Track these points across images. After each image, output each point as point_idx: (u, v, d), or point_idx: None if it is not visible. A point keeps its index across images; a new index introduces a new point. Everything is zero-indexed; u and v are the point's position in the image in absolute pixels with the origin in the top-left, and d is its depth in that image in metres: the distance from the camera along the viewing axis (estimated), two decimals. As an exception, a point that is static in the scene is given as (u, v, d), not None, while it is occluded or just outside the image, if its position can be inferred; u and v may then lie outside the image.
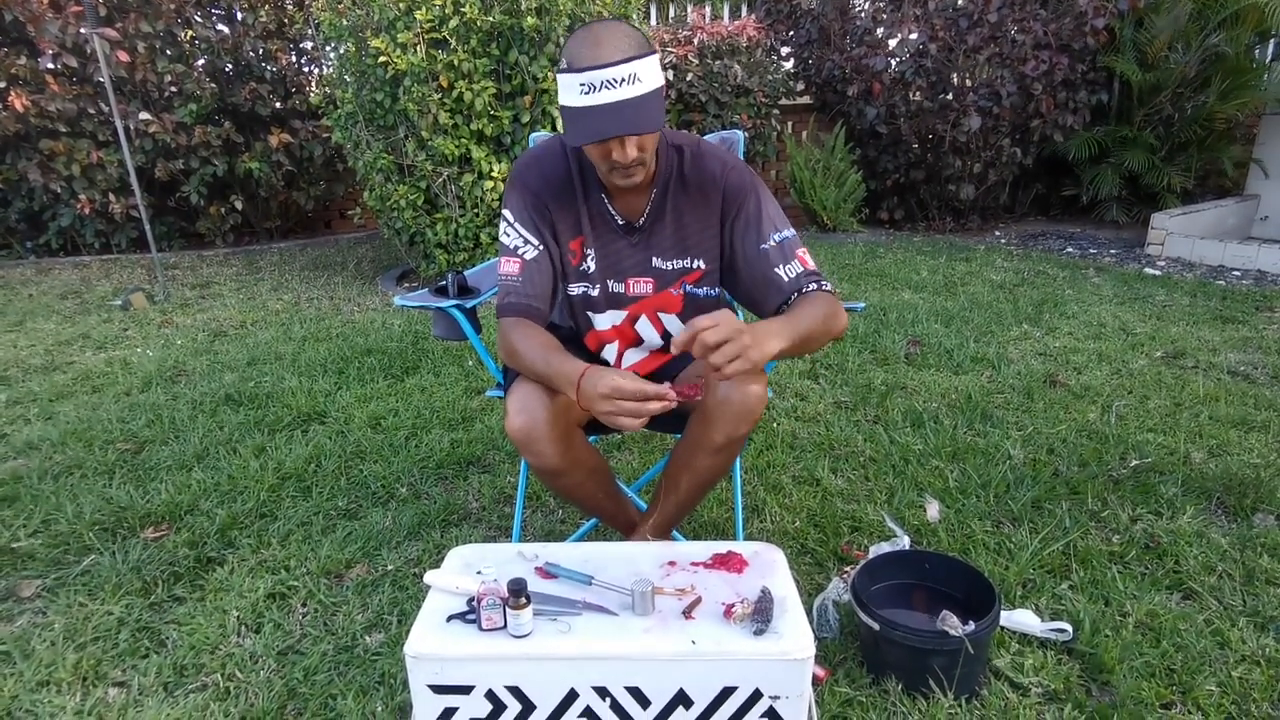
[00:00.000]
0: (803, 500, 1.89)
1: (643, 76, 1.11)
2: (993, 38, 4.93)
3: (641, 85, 1.11)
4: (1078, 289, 3.96)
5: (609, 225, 1.32)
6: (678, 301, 1.36)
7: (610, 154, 1.15)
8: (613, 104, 1.09)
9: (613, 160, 1.16)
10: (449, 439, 2.25)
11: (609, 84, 1.09)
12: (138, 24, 4.76)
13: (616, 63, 1.09)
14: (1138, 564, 1.62)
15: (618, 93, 1.09)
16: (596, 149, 1.17)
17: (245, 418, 2.41)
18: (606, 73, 1.09)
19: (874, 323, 3.34)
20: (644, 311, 1.37)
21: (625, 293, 1.36)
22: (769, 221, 1.29)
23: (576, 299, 1.36)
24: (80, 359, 3.12)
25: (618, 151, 1.14)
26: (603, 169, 1.21)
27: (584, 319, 1.39)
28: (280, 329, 3.48)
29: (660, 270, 1.34)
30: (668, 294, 1.35)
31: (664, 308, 1.37)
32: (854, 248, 5.06)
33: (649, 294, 1.35)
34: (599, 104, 1.09)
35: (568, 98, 1.13)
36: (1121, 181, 5.67)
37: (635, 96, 1.10)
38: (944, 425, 2.28)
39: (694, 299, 1.36)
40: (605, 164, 1.18)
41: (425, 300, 1.48)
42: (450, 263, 4.02)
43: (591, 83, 1.09)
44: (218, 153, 5.22)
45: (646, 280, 1.35)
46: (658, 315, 1.38)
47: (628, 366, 1.44)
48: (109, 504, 1.89)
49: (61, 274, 4.84)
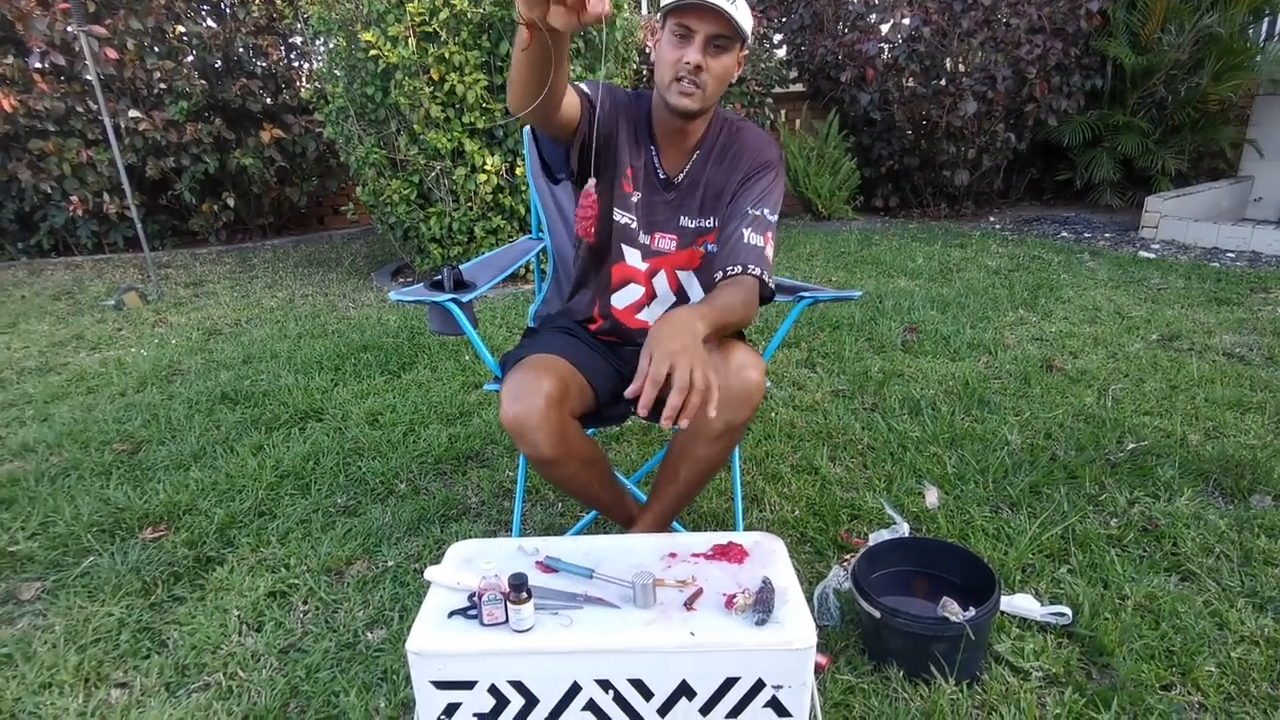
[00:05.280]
0: (802, 489, 1.89)
1: (740, 7, 1.21)
2: (987, 21, 4.91)
3: (738, 10, 1.20)
4: (1073, 273, 3.97)
5: (653, 176, 1.40)
6: (697, 259, 1.45)
7: (682, 57, 1.22)
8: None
9: (682, 64, 1.22)
10: (447, 434, 2.24)
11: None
12: (126, 21, 4.72)
13: None
14: (1136, 547, 1.63)
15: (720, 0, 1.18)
16: (670, 48, 1.24)
17: (242, 416, 2.41)
18: None
19: (870, 310, 3.34)
20: (663, 267, 1.45)
21: (650, 245, 1.43)
22: (767, 198, 1.36)
23: (618, 226, 1.42)
24: (75, 360, 3.11)
25: (690, 52, 1.21)
26: (667, 77, 1.26)
27: (618, 249, 1.44)
28: (275, 326, 3.46)
29: (685, 229, 1.42)
30: (688, 251, 1.43)
31: (682, 265, 1.45)
32: (849, 235, 5.05)
33: (671, 251, 1.44)
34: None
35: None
36: (1116, 165, 5.67)
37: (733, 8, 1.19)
38: (942, 412, 2.29)
39: (710, 257, 1.43)
40: (672, 70, 1.24)
41: (420, 295, 1.47)
42: (445, 257, 4.01)
43: None
44: (209, 150, 5.19)
45: (671, 237, 1.42)
46: (675, 271, 1.46)
47: (634, 316, 1.49)
48: (107, 505, 1.89)
49: (54, 274, 4.82)
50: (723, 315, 1.18)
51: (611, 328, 1.50)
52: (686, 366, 1.01)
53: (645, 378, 1.01)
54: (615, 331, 1.51)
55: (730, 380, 1.19)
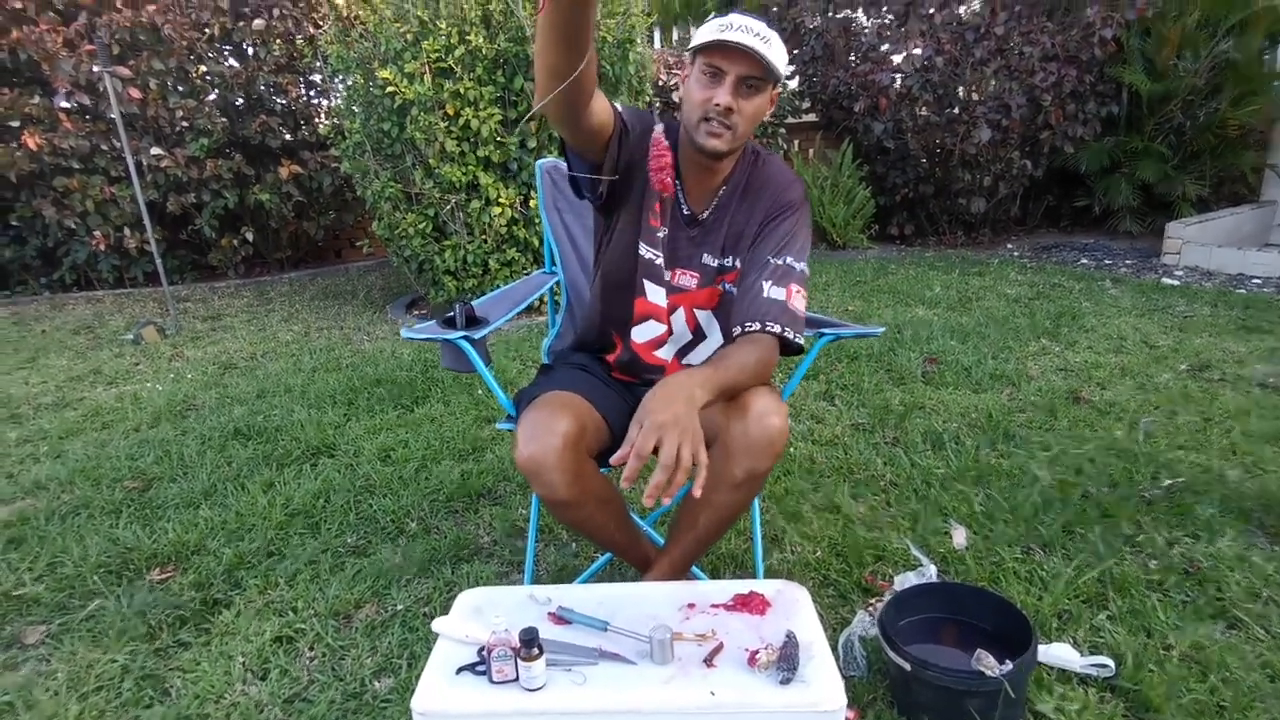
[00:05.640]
0: (823, 529, 1.83)
1: (775, 46, 1.19)
2: (1000, 50, 4.91)
3: (771, 49, 1.17)
4: (1095, 301, 3.90)
5: (678, 212, 1.36)
6: (716, 298, 1.41)
7: (712, 98, 1.19)
8: (745, 38, 1.15)
9: (711, 105, 1.19)
10: (459, 470, 2.21)
11: (746, 29, 1.16)
12: (150, 62, 4.83)
13: (759, 24, 1.18)
14: (1178, 591, 1.55)
15: (752, 39, 1.16)
16: (700, 87, 1.21)
17: (254, 452, 2.39)
18: (749, 21, 1.18)
19: (889, 341, 3.29)
20: (682, 304, 1.41)
21: (672, 281, 1.39)
22: (790, 244, 1.31)
23: (644, 261, 1.38)
24: (91, 395, 3.11)
25: (720, 93, 1.18)
26: (695, 116, 1.23)
27: (640, 284, 1.40)
28: (290, 360, 3.47)
29: (707, 267, 1.38)
30: (708, 290, 1.40)
31: (701, 304, 1.42)
32: (865, 264, 5.01)
33: (692, 289, 1.40)
34: (733, 37, 1.15)
35: (702, 37, 1.19)
36: (1135, 191, 5.61)
37: (766, 48, 1.16)
38: (966, 446, 2.22)
39: (729, 297, 1.39)
40: (701, 110, 1.21)
41: (432, 332, 1.45)
42: (459, 289, 4.01)
43: (731, 23, 1.17)
44: (229, 185, 5.26)
45: (693, 274, 1.39)
46: (693, 310, 1.42)
47: (651, 352, 1.45)
48: (115, 545, 1.86)
49: (75, 309, 4.87)
50: (730, 379, 1.14)
51: (630, 360, 1.46)
52: (674, 442, 0.98)
53: (631, 446, 0.98)
54: (632, 364, 1.47)
55: (751, 427, 1.14)
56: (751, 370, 1.19)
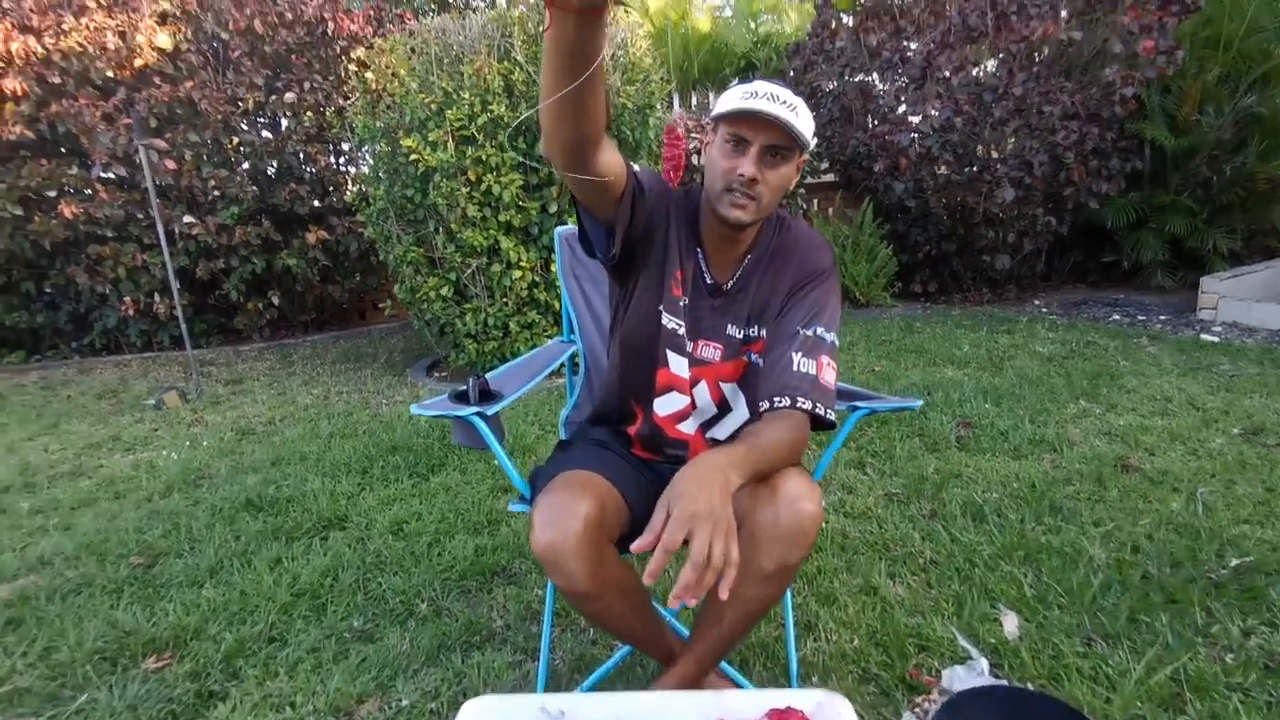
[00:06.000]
0: (860, 614, 1.70)
1: (802, 114, 1.15)
2: (1019, 110, 4.91)
3: (798, 117, 1.14)
4: (1133, 359, 3.76)
5: (700, 281, 1.31)
6: (741, 369, 1.33)
7: (735, 168, 1.15)
8: (771, 107, 1.12)
9: (735, 175, 1.15)
10: (473, 545, 2.11)
11: (772, 97, 1.13)
12: (186, 134, 5.00)
13: (785, 92, 1.14)
14: (1260, 690, 1.39)
15: (778, 107, 1.12)
16: (723, 156, 1.17)
17: (264, 525, 2.31)
18: (774, 89, 1.14)
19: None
20: (705, 377, 1.33)
21: (694, 352, 1.32)
22: (820, 313, 1.24)
23: (666, 331, 1.31)
24: (108, 462, 3.08)
25: (745, 163, 1.14)
26: (718, 186, 1.18)
27: (663, 354, 1.33)
28: (308, 425, 3.43)
29: (731, 338, 1.31)
30: (733, 362, 1.32)
31: (726, 376, 1.34)
32: (890, 323, 4.92)
33: (716, 360, 1.32)
34: (758, 105, 1.12)
35: (725, 105, 1.16)
36: (1164, 246, 5.51)
37: (793, 116, 1.13)
38: (1009, 520, 2.08)
39: (755, 369, 1.31)
40: (724, 180, 1.17)
41: (444, 408, 1.38)
42: (480, 352, 3.98)
43: (756, 90, 1.13)
44: (257, 251, 5.36)
45: (717, 346, 1.32)
46: (718, 382, 1.34)
47: (674, 426, 1.37)
48: (113, 628, 1.78)
49: (102, 373, 4.92)
50: (763, 460, 1.06)
51: (651, 433, 1.38)
52: (705, 537, 0.89)
53: (656, 535, 0.89)
54: (654, 439, 1.39)
55: (781, 514, 1.05)
56: (786, 451, 1.10)
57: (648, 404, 1.36)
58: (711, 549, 0.88)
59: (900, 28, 5.62)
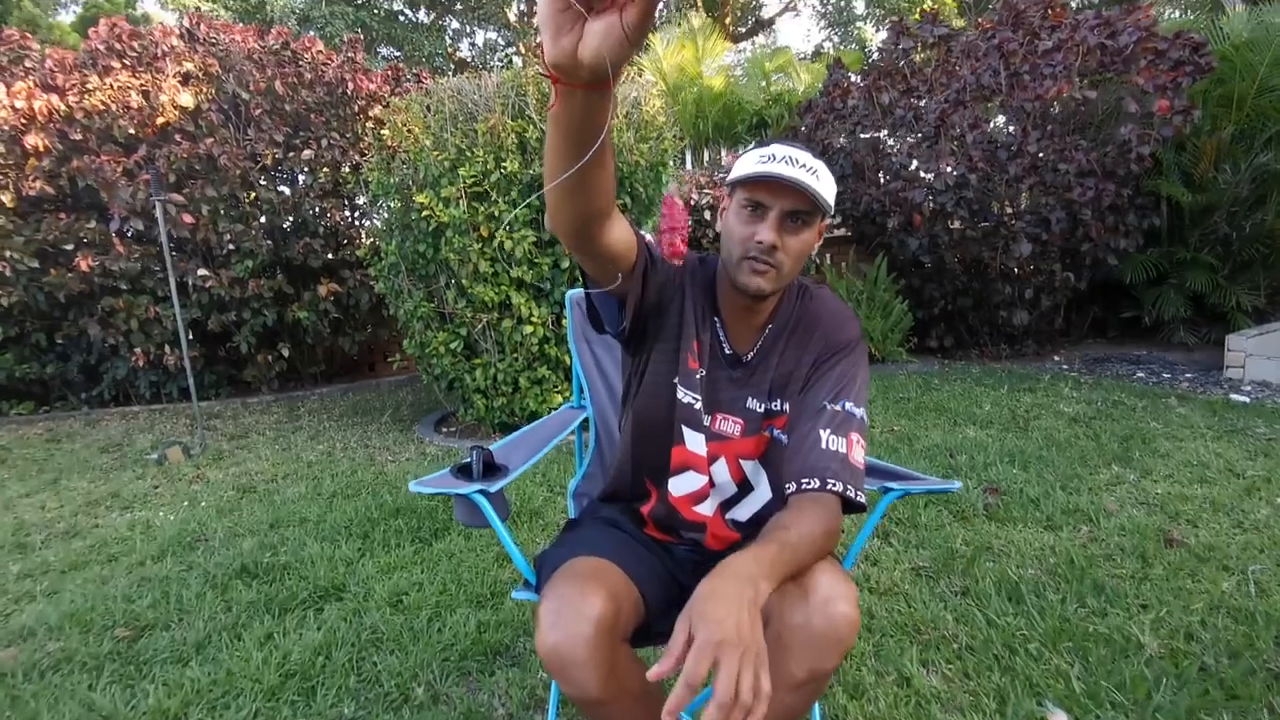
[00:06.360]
0: (891, 709, 1.56)
1: (823, 178, 1.09)
2: (1034, 167, 4.90)
3: (819, 181, 1.08)
4: (1164, 421, 3.62)
5: (718, 352, 1.23)
6: (763, 445, 1.23)
7: (754, 235, 1.09)
8: (790, 171, 1.06)
9: (753, 242, 1.09)
10: (475, 620, 1.99)
11: (791, 160, 1.07)
12: (204, 189, 5.06)
13: (804, 154, 1.09)
14: (1348, 809, 1.24)
15: (798, 171, 1.07)
16: (740, 222, 1.11)
17: (257, 594, 2.20)
18: (793, 151, 1.08)
19: (941, 467, 3.05)
20: (724, 453, 1.24)
21: (712, 427, 1.22)
22: (848, 387, 1.16)
23: (682, 405, 1.22)
24: (104, 522, 3.00)
25: (764, 230, 1.09)
26: (736, 254, 1.12)
27: (679, 430, 1.23)
28: (311, 484, 3.33)
29: (752, 412, 1.22)
30: (755, 438, 1.23)
31: (747, 453, 1.24)
32: (907, 379, 4.82)
33: (735, 436, 1.23)
34: (776, 169, 1.06)
35: (742, 169, 1.10)
36: (1186, 302, 5.42)
37: (814, 180, 1.07)
38: (1049, 600, 1.94)
39: (778, 445, 1.22)
40: (742, 247, 1.11)
41: (445, 484, 1.29)
42: (489, 407, 3.91)
43: (774, 154, 1.08)
44: (269, 304, 5.36)
45: (736, 421, 1.23)
46: (738, 460, 1.24)
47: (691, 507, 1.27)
48: (90, 712, 1.66)
49: (109, 425, 4.88)
50: (795, 560, 0.96)
51: (666, 514, 1.28)
52: (733, 669, 0.79)
53: (676, 660, 0.80)
54: (669, 520, 1.29)
55: (813, 618, 0.95)
56: (819, 545, 1.01)
57: (662, 483, 1.26)
58: (739, 682, 0.78)
59: (912, 86, 5.67)
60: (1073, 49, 4.93)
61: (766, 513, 1.26)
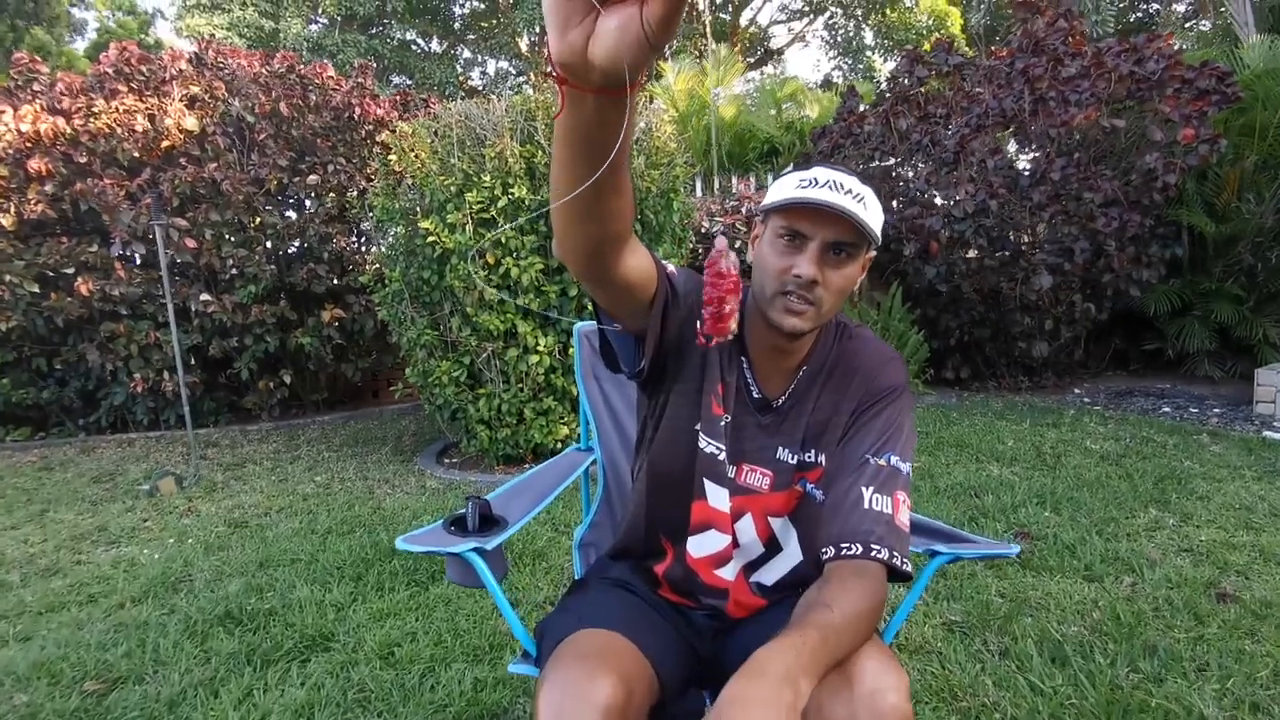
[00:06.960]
0: (934, 792, 1.40)
1: (870, 206, 0.97)
2: (1057, 195, 4.79)
3: (867, 210, 0.96)
4: (1198, 460, 3.45)
5: (745, 395, 1.10)
6: (794, 500, 1.09)
7: (791, 268, 0.97)
8: (834, 197, 0.94)
9: (791, 275, 0.97)
10: (471, 677, 1.84)
11: (835, 185, 0.95)
12: (208, 214, 4.99)
13: (850, 179, 0.97)
14: None
15: (843, 197, 0.94)
16: (775, 254, 0.98)
17: (239, 644, 2.06)
18: (837, 175, 0.96)
19: (967, 508, 2.89)
20: (751, 509, 1.10)
21: (737, 480, 1.09)
22: (893, 439, 1.02)
23: (704, 455, 1.08)
24: (87, 558, 2.86)
25: (803, 263, 0.96)
26: (770, 288, 1.00)
27: (699, 483, 1.09)
28: (305, 519, 3.20)
29: (782, 464, 1.08)
30: (785, 493, 1.09)
31: (776, 509, 1.10)
32: (925, 412, 4.67)
33: (764, 490, 1.09)
34: (818, 195, 0.94)
35: (778, 194, 0.98)
36: (1211, 334, 5.27)
37: (860, 208, 0.95)
38: (1098, 664, 1.78)
39: (810, 501, 1.08)
40: (777, 281, 0.98)
41: (437, 541, 1.16)
42: (492, 439, 3.77)
43: (816, 178, 0.96)
44: (271, 329, 5.27)
45: (765, 473, 1.10)
46: (766, 517, 1.10)
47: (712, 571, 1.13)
48: (46, 781, 1.52)
49: (104, 453, 4.76)
50: (838, 648, 0.83)
51: (684, 576, 1.14)
52: None
53: None
54: (687, 583, 1.15)
55: (859, 712, 0.80)
56: (865, 625, 0.87)
57: (680, 542, 1.13)
58: None
59: (929, 113, 5.60)
60: (1102, 75, 4.84)
61: (795, 577, 1.12)
